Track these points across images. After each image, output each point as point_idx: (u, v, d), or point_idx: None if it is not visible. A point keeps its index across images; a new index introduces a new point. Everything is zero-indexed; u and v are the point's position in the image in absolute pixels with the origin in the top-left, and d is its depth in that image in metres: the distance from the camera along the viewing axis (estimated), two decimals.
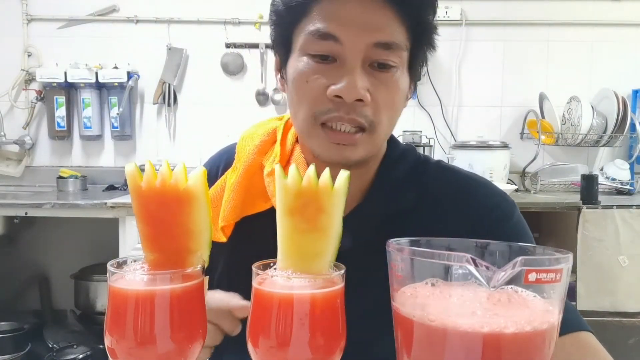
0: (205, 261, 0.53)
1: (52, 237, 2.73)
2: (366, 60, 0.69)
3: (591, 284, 2.12)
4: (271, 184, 0.78)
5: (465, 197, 0.80)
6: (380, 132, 0.72)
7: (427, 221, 0.76)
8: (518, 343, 0.40)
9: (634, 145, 2.69)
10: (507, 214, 0.79)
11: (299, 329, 0.47)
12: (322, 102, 0.69)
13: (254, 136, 0.84)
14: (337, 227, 0.51)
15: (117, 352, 0.49)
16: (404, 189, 0.79)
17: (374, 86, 0.69)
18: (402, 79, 0.72)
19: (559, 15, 2.74)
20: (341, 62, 0.69)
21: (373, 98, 0.69)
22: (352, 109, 0.68)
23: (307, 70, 0.70)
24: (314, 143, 0.73)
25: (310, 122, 0.71)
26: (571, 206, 2.17)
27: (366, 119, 0.69)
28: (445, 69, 2.78)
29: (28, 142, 2.76)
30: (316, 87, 0.69)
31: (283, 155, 0.80)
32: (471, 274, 0.39)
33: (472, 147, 2.49)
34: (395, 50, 0.69)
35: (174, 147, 2.78)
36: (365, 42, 0.67)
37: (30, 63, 2.77)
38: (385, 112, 0.71)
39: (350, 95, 0.67)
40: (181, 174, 0.52)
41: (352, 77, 0.67)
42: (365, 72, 0.69)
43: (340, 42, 0.68)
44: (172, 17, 2.75)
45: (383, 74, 0.70)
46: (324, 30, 0.68)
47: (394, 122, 0.75)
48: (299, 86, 0.71)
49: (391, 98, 0.71)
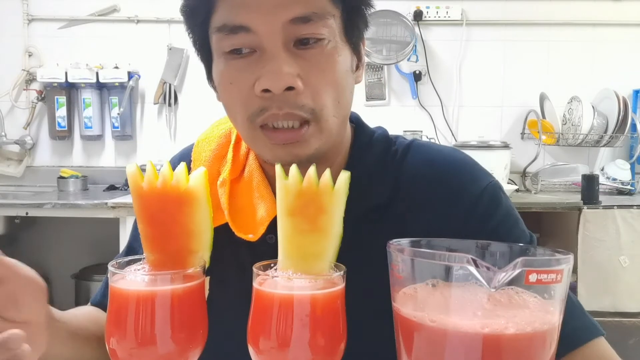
0: (206, 262, 0.53)
1: (53, 237, 2.73)
2: (288, 40, 0.60)
3: (592, 284, 2.12)
4: (223, 195, 0.70)
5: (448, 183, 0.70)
6: (328, 118, 0.63)
7: (405, 217, 0.69)
8: (518, 344, 0.40)
9: (634, 145, 2.69)
10: (497, 200, 0.71)
11: (300, 330, 0.47)
12: (252, 102, 0.62)
13: (210, 140, 0.76)
14: (337, 227, 0.51)
15: (118, 352, 0.49)
16: (375, 183, 0.71)
17: (304, 69, 0.60)
18: (338, 51, 0.63)
19: (560, 15, 2.73)
20: (261, 52, 0.60)
21: (307, 82, 0.60)
22: (284, 102, 0.60)
23: (227, 70, 0.63)
24: (259, 148, 0.65)
25: (247, 127, 0.64)
26: (572, 206, 2.17)
27: (305, 109, 0.61)
28: (445, 69, 2.78)
29: (29, 142, 2.76)
30: (242, 86, 0.62)
31: (236, 161, 0.72)
32: (472, 274, 0.39)
33: (473, 147, 2.49)
34: (317, 21, 0.60)
35: (174, 147, 2.78)
36: (280, 22, 0.59)
37: (31, 63, 2.77)
38: (328, 93, 0.62)
39: (277, 86, 0.59)
40: (182, 175, 0.52)
41: (275, 65, 0.59)
42: (291, 55, 0.60)
43: (252, 30, 0.60)
44: (172, 17, 2.75)
45: (312, 51, 0.61)
46: (231, 24, 0.60)
47: (344, 101, 0.65)
48: (225, 90, 0.64)
49: (330, 76, 0.62)
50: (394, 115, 2.75)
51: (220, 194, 0.70)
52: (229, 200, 0.70)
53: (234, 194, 0.71)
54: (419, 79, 2.76)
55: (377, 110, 2.76)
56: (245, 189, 0.72)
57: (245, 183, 0.72)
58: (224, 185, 0.70)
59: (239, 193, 0.71)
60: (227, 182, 0.71)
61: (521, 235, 0.70)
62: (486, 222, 0.69)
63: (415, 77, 2.75)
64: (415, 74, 2.75)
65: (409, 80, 2.76)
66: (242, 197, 0.71)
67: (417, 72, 2.75)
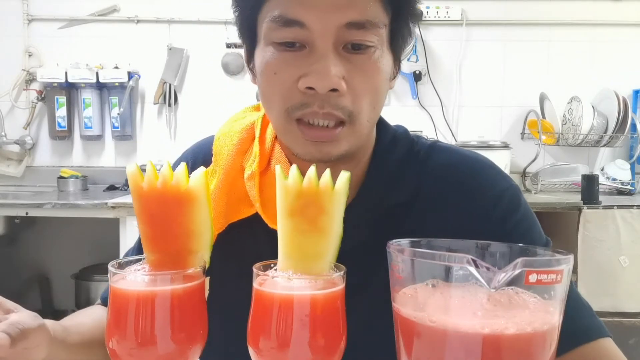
0: (206, 262, 0.53)
1: (53, 237, 2.73)
2: (339, 43, 0.61)
3: (592, 284, 2.12)
4: (252, 188, 0.71)
5: (468, 185, 0.72)
6: (363, 122, 0.65)
7: (426, 214, 0.71)
8: (519, 344, 0.40)
9: (634, 145, 2.69)
10: (516, 202, 0.72)
11: (300, 330, 0.47)
12: (293, 96, 0.63)
13: (231, 134, 0.76)
14: (337, 227, 0.51)
15: (118, 352, 0.49)
16: (399, 181, 0.72)
17: (350, 72, 0.62)
18: (382, 59, 0.64)
19: (559, 15, 2.74)
20: (311, 49, 0.61)
21: (350, 85, 0.62)
22: (326, 101, 0.61)
23: (274, 61, 0.63)
24: (291, 141, 0.66)
25: (284, 119, 0.64)
26: (572, 206, 2.17)
27: (344, 110, 0.62)
28: (445, 69, 2.78)
29: (29, 142, 2.76)
30: (286, 79, 0.62)
31: (263, 154, 0.73)
32: (472, 275, 0.39)
33: (473, 147, 2.49)
34: (370, 29, 0.61)
35: (174, 147, 2.78)
36: (335, 24, 0.60)
37: (31, 63, 2.77)
38: (366, 98, 0.64)
39: (323, 86, 0.60)
40: (182, 175, 0.52)
41: (324, 65, 0.60)
42: (339, 57, 0.61)
43: (306, 27, 0.60)
44: (172, 17, 2.75)
45: (359, 56, 0.62)
46: (286, 16, 0.60)
47: (379, 107, 0.67)
48: (267, 79, 0.65)
49: (372, 82, 0.64)
50: (394, 115, 2.74)
51: (249, 187, 0.71)
52: (260, 193, 0.71)
53: (263, 187, 0.71)
54: (419, 79, 2.76)
55: None
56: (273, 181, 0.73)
57: (272, 176, 0.72)
58: (252, 179, 0.71)
59: (267, 185, 0.71)
60: (257, 175, 0.71)
61: (537, 239, 0.71)
62: (504, 224, 0.70)
63: (415, 77, 2.75)
64: (415, 74, 2.75)
65: (409, 80, 2.76)
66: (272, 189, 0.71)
67: (417, 72, 2.75)
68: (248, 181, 0.72)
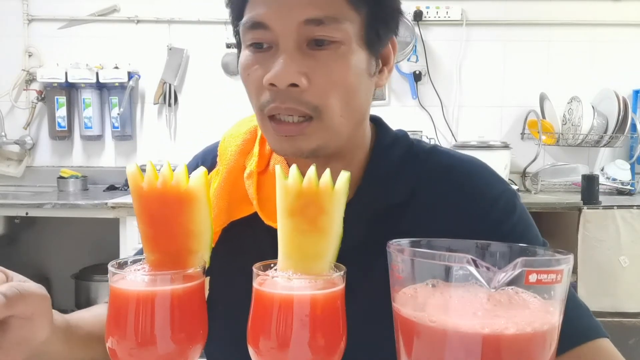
0: (206, 262, 0.53)
1: (53, 237, 2.73)
2: (301, 40, 0.63)
3: (592, 284, 2.12)
4: (251, 186, 0.73)
5: (465, 188, 0.74)
6: (334, 117, 0.65)
7: (423, 215, 0.72)
8: (518, 344, 0.40)
9: (634, 145, 2.69)
10: (511, 205, 0.73)
11: (300, 330, 0.47)
12: (262, 93, 0.66)
13: (236, 136, 0.79)
14: (337, 227, 0.51)
15: (118, 352, 0.49)
16: (398, 181, 0.74)
17: (312, 67, 0.63)
18: (351, 55, 0.65)
19: (559, 15, 2.74)
20: (276, 49, 0.64)
21: (314, 81, 0.63)
22: (287, 96, 0.63)
23: (247, 62, 0.67)
24: (268, 137, 0.70)
25: (260, 116, 0.68)
26: (572, 206, 2.17)
27: (308, 105, 0.64)
28: (445, 69, 2.78)
29: (29, 142, 2.76)
30: (255, 78, 0.66)
31: (262, 155, 0.76)
32: (472, 275, 0.39)
33: (473, 147, 2.49)
34: (330, 24, 0.63)
35: (174, 147, 2.79)
36: (294, 22, 0.62)
37: (31, 63, 2.77)
38: (334, 93, 0.64)
39: (280, 81, 0.62)
40: (182, 175, 0.52)
41: (282, 62, 0.63)
42: (301, 54, 0.63)
43: (269, 28, 0.64)
44: (172, 17, 2.75)
45: (323, 52, 0.64)
46: (252, 20, 0.64)
47: (353, 103, 0.67)
48: (244, 80, 0.69)
49: (338, 77, 0.64)
50: (394, 115, 2.74)
51: (248, 186, 0.74)
52: (257, 191, 0.73)
53: (261, 185, 0.74)
54: (419, 79, 2.76)
55: (377, 110, 2.70)
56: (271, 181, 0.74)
57: (271, 175, 0.74)
58: (251, 177, 0.74)
59: (265, 184, 0.74)
60: (255, 174, 0.74)
61: (534, 241, 0.72)
62: (500, 226, 0.71)
63: (415, 77, 2.75)
64: (415, 74, 2.75)
65: (409, 81, 2.76)
66: (269, 188, 0.73)
67: (417, 72, 2.75)
68: (247, 179, 0.74)
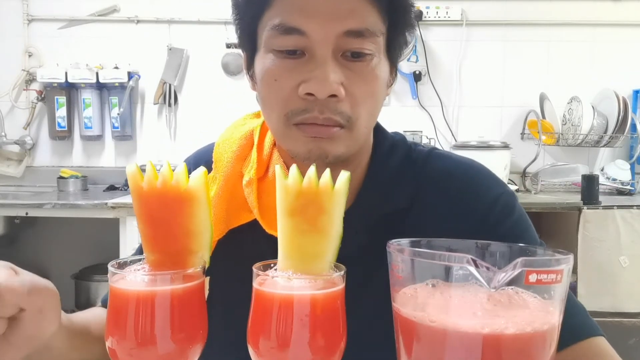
0: (206, 262, 0.53)
1: (53, 237, 2.73)
2: (338, 50, 0.63)
3: (592, 284, 2.12)
4: (251, 195, 0.72)
5: (464, 191, 0.74)
6: (361, 127, 0.67)
7: (424, 220, 0.72)
8: (518, 344, 0.40)
9: (634, 145, 2.69)
10: (509, 207, 0.74)
11: (300, 330, 0.47)
12: (294, 102, 0.64)
13: (231, 142, 0.77)
14: (337, 227, 0.51)
15: (118, 352, 0.49)
16: (398, 187, 0.74)
17: (349, 79, 0.63)
18: (380, 67, 0.66)
19: (559, 15, 2.74)
20: (310, 56, 0.63)
21: (349, 92, 0.64)
22: (326, 107, 0.63)
23: (274, 67, 0.65)
24: (290, 144, 0.67)
25: (283, 124, 0.66)
26: (572, 206, 2.17)
27: (343, 115, 0.64)
28: (445, 69, 2.78)
29: (29, 142, 2.76)
30: (286, 85, 0.64)
31: (260, 161, 0.74)
32: (472, 274, 0.39)
33: (473, 147, 2.49)
34: (368, 37, 0.63)
35: (174, 147, 2.78)
36: (334, 32, 0.62)
37: (30, 63, 2.77)
38: (365, 105, 0.66)
39: (322, 92, 0.62)
40: (182, 175, 0.52)
41: (323, 71, 0.62)
42: (338, 64, 0.63)
43: (306, 35, 0.62)
44: (172, 18, 2.75)
45: (358, 64, 0.64)
46: (287, 24, 0.62)
47: (376, 113, 0.70)
48: (268, 86, 0.66)
49: (370, 89, 0.66)
50: (394, 115, 2.75)
51: (247, 194, 0.73)
52: (258, 199, 0.72)
53: (261, 193, 0.73)
54: (419, 79, 2.76)
55: None
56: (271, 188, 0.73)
57: (270, 182, 0.73)
58: (250, 185, 0.72)
59: (265, 192, 0.72)
60: (254, 182, 0.73)
61: (531, 243, 0.72)
62: (498, 228, 0.72)
63: (415, 77, 2.75)
64: (415, 74, 2.75)
65: (409, 81, 2.76)
66: (270, 196, 0.72)
67: (417, 72, 2.75)
68: (246, 187, 0.73)
